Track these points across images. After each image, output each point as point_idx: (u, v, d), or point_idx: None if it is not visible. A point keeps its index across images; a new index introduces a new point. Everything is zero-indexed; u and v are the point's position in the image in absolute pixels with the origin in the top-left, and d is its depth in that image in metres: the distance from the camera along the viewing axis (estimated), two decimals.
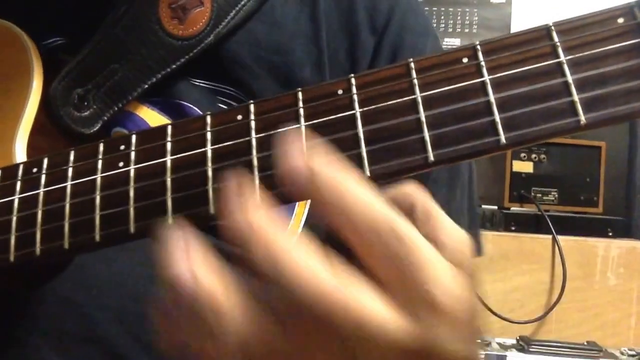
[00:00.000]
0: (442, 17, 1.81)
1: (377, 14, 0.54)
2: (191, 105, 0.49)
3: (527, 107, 0.28)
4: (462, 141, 0.29)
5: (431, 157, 0.29)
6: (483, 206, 1.43)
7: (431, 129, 0.30)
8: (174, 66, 0.47)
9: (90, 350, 0.45)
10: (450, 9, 1.81)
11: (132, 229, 0.33)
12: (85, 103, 0.47)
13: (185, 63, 0.48)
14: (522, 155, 1.31)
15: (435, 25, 1.81)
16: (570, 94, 0.28)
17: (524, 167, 1.31)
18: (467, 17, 1.80)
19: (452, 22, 1.80)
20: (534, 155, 1.32)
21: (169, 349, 0.28)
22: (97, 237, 0.34)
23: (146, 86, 0.47)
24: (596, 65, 0.28)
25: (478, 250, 0.60)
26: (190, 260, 0.26)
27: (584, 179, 1.32)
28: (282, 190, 0.28)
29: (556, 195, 1.32)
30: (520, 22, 1.70)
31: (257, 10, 0.50)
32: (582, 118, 0.27)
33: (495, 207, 1.35)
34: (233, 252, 0.27)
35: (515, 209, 1.32)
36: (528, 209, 1.31)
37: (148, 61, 0.47)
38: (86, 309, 0.45)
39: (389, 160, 0.30)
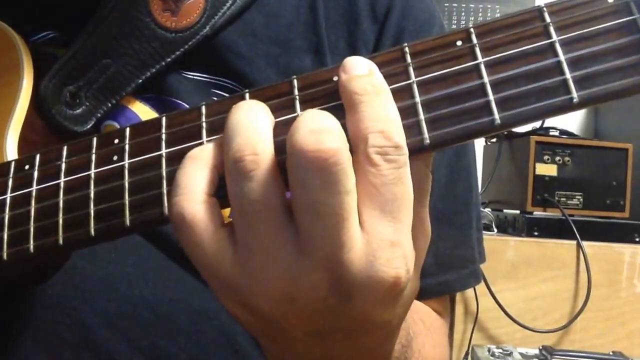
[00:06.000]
0: (463, 14, 1.79)
1: (378, 2, 0.52)
2: (184, 103, 0.48)
3: (520, 86, 0.28)
4: (458, 122, 0.29)
5: (427, 140, 0.29)
6: (505, 210, 1.41)
7: (426, 112, 0.30)
8: (168, 60, 0.46)
9: (84, 356, 0.44)
10: (472, 5, 1.78)
11: (127, 222, 0.33)
12: (77, 100, 0.46)
13: (179, 56, 0.47)
14: (546, 157, 1.28)
15: (455, 21, 1.79)
16: (562, 73, 0.28)
17: (547, 170, 1.28)
18: (488, 14, 1.77)
19: (473, 18, 1.78)
20: (557, 158, 1.28)
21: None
22: (92, 232, 0.34)
23: (140, 81, 0.46)
24: (587, 44, 0.28)
25: (481, 255, 0.58)
26: None
27: (610, 183, 1.29)
28: None
29: (581, 199, 1.29)
30: None
31: (254, 0, 0.49)
32: (575, 95, 0.27)
33: (518, 212, 1.32)
34: None
35: (538, 213, 1.28)
36: (551, 213, 1.28)
37: (141, 56, 0.46)
38: (79, 313, 0.44)
39: None
